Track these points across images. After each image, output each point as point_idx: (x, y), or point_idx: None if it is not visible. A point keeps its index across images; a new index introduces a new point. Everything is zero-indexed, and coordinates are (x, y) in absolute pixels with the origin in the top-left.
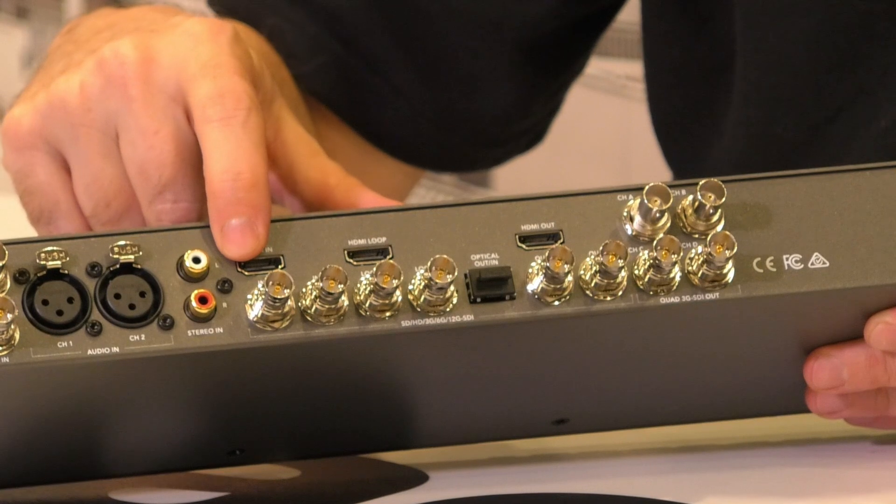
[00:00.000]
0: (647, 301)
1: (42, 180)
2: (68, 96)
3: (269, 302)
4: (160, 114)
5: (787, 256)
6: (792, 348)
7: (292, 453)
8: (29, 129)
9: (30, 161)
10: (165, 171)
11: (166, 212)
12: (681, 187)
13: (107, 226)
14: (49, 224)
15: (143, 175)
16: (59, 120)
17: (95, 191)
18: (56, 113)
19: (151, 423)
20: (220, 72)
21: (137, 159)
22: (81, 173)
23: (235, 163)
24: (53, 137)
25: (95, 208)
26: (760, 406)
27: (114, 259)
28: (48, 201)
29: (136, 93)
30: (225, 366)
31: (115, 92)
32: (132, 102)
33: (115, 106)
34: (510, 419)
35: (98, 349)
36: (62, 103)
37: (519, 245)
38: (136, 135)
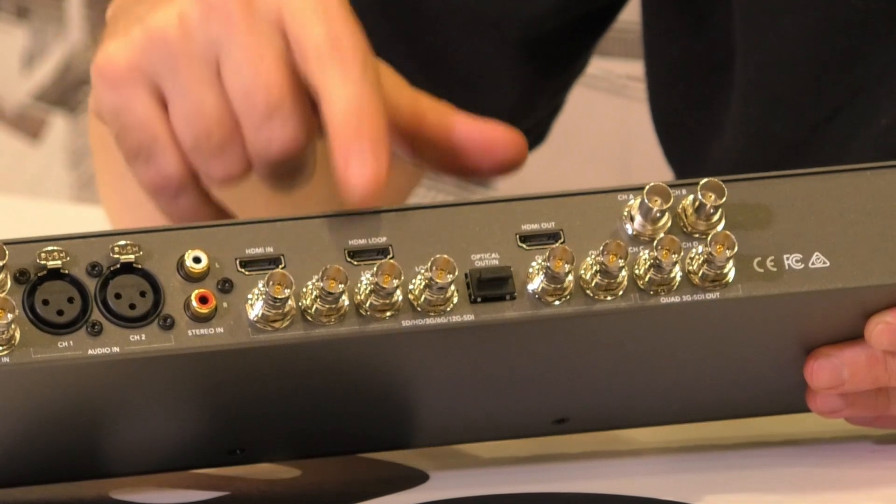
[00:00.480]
0: (647, 301)
1: (140, 115)
2: (167, 27)
3: (269, 302)
4: (264, 40)
5: (788, 256)
6: (792, 348)
7: (293, 453)
8: (126, 64)
9: (127, 97)
10: (273, 94)
11: (276, 135)
12: (681, 187)
13: (208, 158)
14: (148, 160)
15: (250, 100)
16: (159, 51)
17: (197, 120)
18: (155, 45)
19: (152, 422)
20: (330, 13)
21: (243, 85)
22: (181, 103)
23: (359, 102)
24: (152, 70)
25: (197, 139)
26: (761, 405)
27: (114, 259)
28: (146, 136)
29: (239, 19)
30: (225, 365)
31: (217, 19)
32: (235, 28)
33: (216, 33)
34: (510, 419)
35: (98, 349)
36: (162, 34)
37: (519, 245)
38: (240, 61)
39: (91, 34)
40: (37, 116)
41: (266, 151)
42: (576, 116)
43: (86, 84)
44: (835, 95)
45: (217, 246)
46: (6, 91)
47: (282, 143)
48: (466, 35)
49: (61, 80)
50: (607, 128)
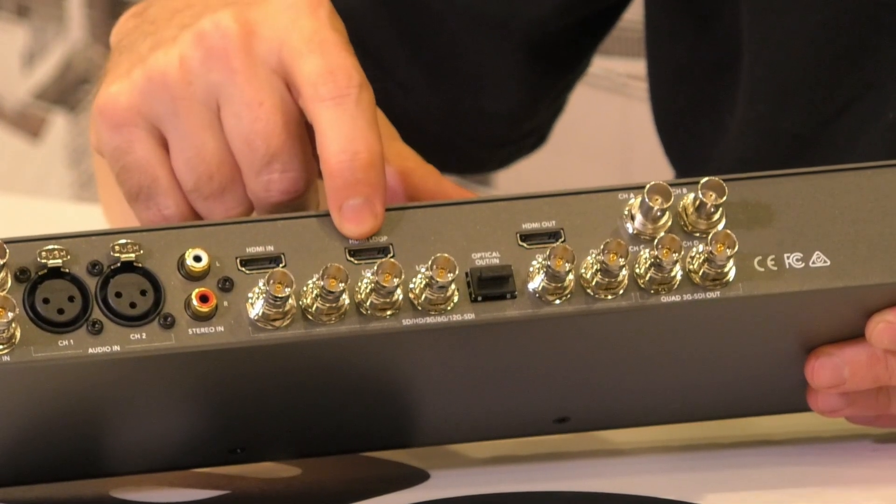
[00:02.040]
0: (648, 300)
1: (140, 157)
2: (168, 70)
3: (270, 300)
4: (264, 85)
5: (789, 255)
6: (793, 347)
7: (293, 452)
8: (127, 105)
9: (128, 138)
10: (273, 141)
11: (275, 181)
12: (682, 186)
13: (209, 201)
14: (148, 201)
15: (250, 146)
16: (159, 94)
17: (198, 164)
18: (155, 87)
19: (152, 421)
20: (326, 47)
21: (243, 131)
22: (182, 147)
23: (352, 142)
24: (152, 113)
25: (198, 182)
26: (761, 404)
27: (115, 257)
28: (147, 178)
29: (239, 64)
30: (226, 364)
31: (217, 64)
32: (235, 74)
33: (216, 78)
34: (511, 417)
35: (99, 348)
36: (162, 77)
37: (520, 244)
38: (240, 106)
39: (91, 33)
40: (37, 115)
41: (266, 196)
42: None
43: (86, 83)
44: (843, 90)
45: (217, 245)
46: (6, 90)
47: (281, 189)
48: (470, 36)
49: (62, 78)
50: (608, 126)
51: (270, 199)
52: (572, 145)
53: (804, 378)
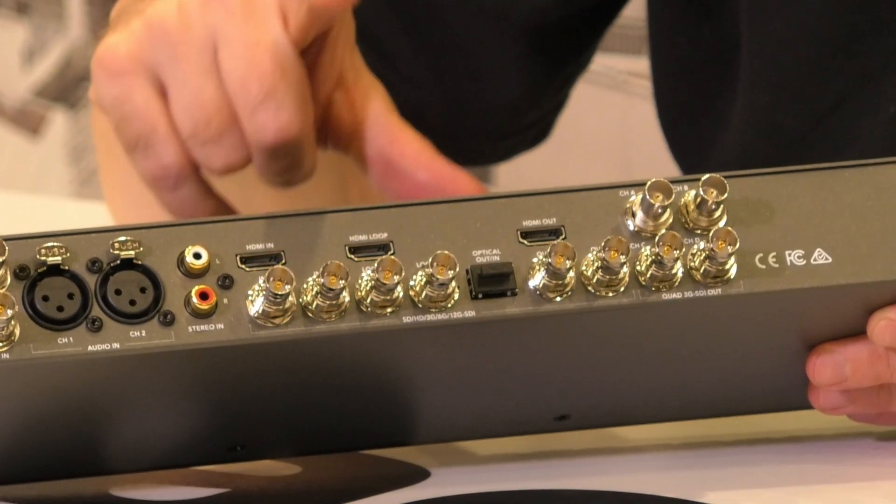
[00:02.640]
0: (649, 297)
1: (139, 105)
2: (167, 17)
3: (269, 298)
4: (261, 26)
5: (790, 252)
6: (794, 344)
7: (293, 449)
8: (127, 55)
9: (127, 87)
10: (266, 81)
11: (269, 121)
12: (683, 183)
13: (207, 146)
14: (146, 150)
15: (244, 86)
16: (159, 41)
17: (196, 109)
18: (155, 35)
19: (152, 419)
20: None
21: (238, 72)
22: (181, 93)
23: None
24: (152, 60)
25: (195, 128)
26: (763, 402)
27: (114, 255)
28: (145, 126)
29: (236, 6)
30: (226, 362)
31: (215, 6)
32: (232, 16)
33: (214, 22)
34: (512, 415)
35: (98, 345)
36: (161, 24)
37: (520, 241)
38: (236, 48)
39: (91, 30)
40: (37, 112)
41: (261, 137)
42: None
43: (86, 80)
44: (839, 83)
45: (217, 242)
46: (6, 87)
47: (276, 129)
48: (472, 27)
49: (61, 76)
50: (608, 124)
51: (265, 139)
52: (573, 142)
53: (806, 375)
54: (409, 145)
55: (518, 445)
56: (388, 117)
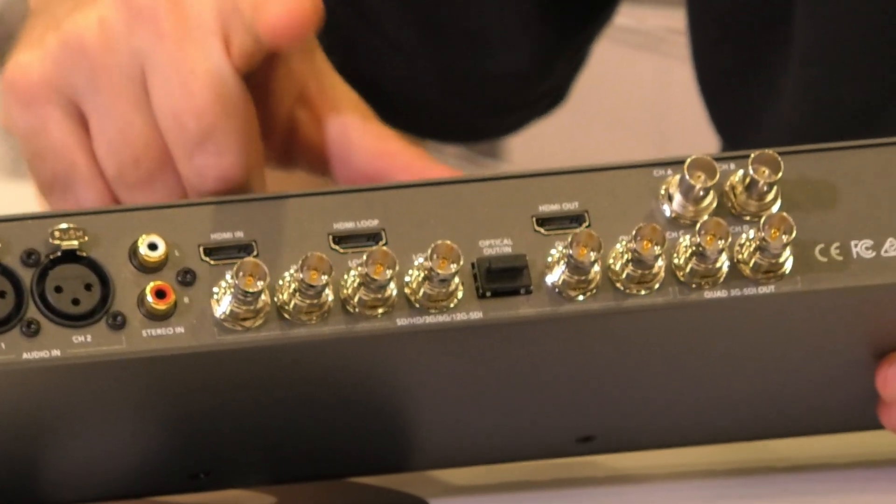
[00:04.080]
0: (688, 295)
1: (56, 139)
2: (86, 35)
3: (239, 296)
4: (197, 51)
5: (856, 242)
6: (861, 352)
7: (267, 476)
8: (39, 79)
9: (41, 117)
10: (206, 118)
11: (209, 166)
12: (729, 160)
13: (135, 189)
14: (64, 192)
15: (180, 124)
16: (76, 64)
17: (121, 146)
18: (72, 56)
19: (100, 440)
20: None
21: (172, 106)
22: (104, 127)
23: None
24: (69, 86)
25: (121, 168)
26: (823, 422)
27: (54, 245)
28: (63, 164)
29: (168, 27)
30: (187, 372)
31: (143, 27)
32: (163, 38)
33: (142, 43)
34: (526, 437)
35: (35, 352)
36: (79, 44)
37: (536, 229)
38: (169, 77)
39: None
40: None
41: (201, 183)
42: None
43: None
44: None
45: (177, 230)
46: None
47: (217, 175)
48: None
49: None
50: (641, 90)
51: (204, 186)
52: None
53: (875, 389)
54: (398, 156)
55: (534, 472)
56: (367, 129)
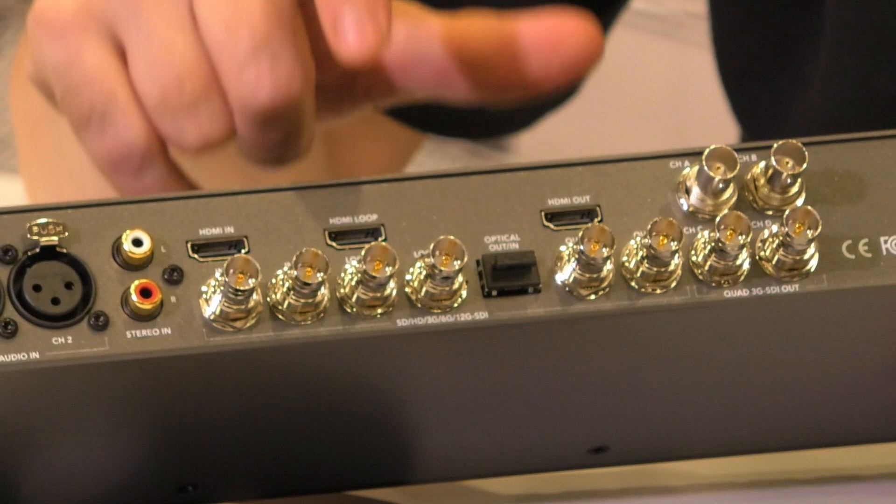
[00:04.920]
0: (707, 295)
1: (92, 68)
2: None
3: (229, 295)
4: None
5: (886, 238)
6: (892, 356)
7: (259, 490)
8: (73, 7)
9: (75, 47)
10: (259, 27)
11: (263, 77)
12: (750, 151)
13: (178, 115)
14: (102, 125)
15: (231, 35)
16: None
17: (165, 69)
18: None
19: (81, 449)
20: None
21: (222, 18)
22: (145, 51)
23: None
24: (106, 12)
25: (164, 92)
26: (854, 431)
27: (32, 241)
28: (101, 94)
29: None
30: (174, 376)
31: None
32: None
33: None
34: (535, 447)
35: (12, 355)
36: None
37: (545, 224)
38: None
39: None
40: None
41: (253, 100)
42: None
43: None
44: None
45: (163, 225)
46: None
47: (273, 86)
48: None
49: None
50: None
51: (258, 101)
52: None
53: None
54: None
55: (543, 485)
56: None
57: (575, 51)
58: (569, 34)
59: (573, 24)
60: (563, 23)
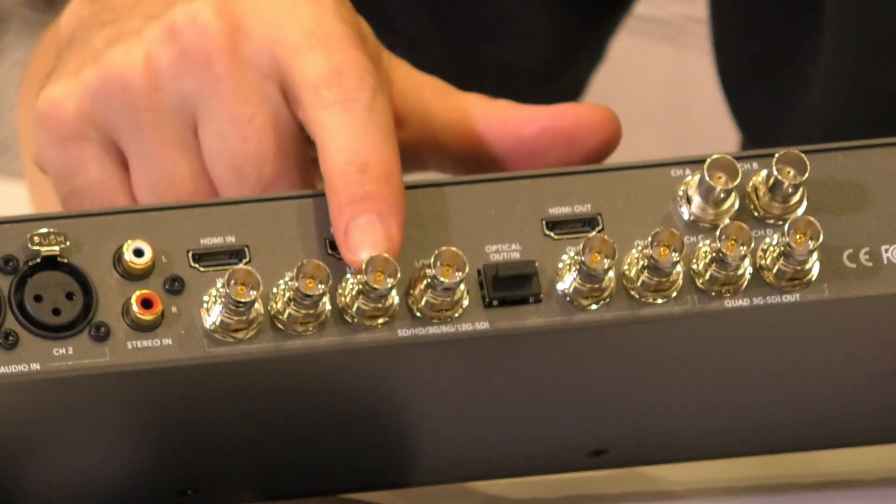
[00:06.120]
0: (708, 304)
1: (94, 179)
2: (129, 72)
3: (230, 306)
4: (254, 96)
5: (887, 247)
6: (893, 362)
7: (259, 493)
8: (77, 115)
9: (78, 155)
10: (266, 167)
11: None
12: (752, 159)
13: None
14: None
15: (237, 173)
16: (117, 102)
17: (165, 191)
18: (113, 93)
19: (81, 457)
20: (331, 43)
21: (228, 154)
22: (146, 169)
23: (362, 152)
24: (108, 124)
25: None
26: (854, 433)
27: (33, 251)
28: (102, 204)
29: (222, 70)
30: (174, 386)
31: (194, 69)
32: (217, 82)
33: (193, 86)
34: (535, 450)
35: (13, 366)
36: (121, 81)
37: (546, 233)
38: (224, 123)
39: None
40: None
41: None
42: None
43: None
44: None
45: (164, 235)
46: None
47: None
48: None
49: None
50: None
51: None
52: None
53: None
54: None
55: (543, 487)
56: (499, 104)
57: (593, 142)
58: (585, 126)
59: (591, 115)
60: (579, 114)
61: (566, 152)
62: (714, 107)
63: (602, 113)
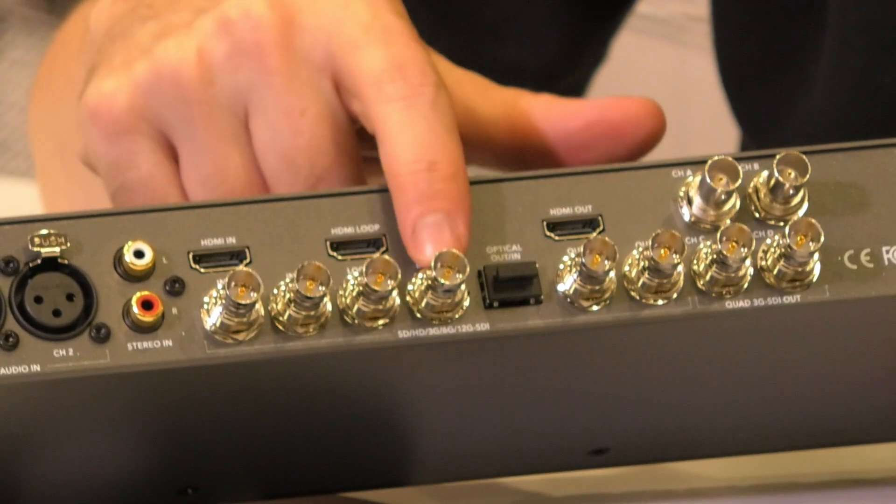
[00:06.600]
0: (709, 305)
1: (146, 173)
2: (182, 66)
3: (230, 307)
4: (307, 89)
5: (888, 249)
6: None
7: (259, 492)
8: (128, 108)
9: (130, 149)
10: (319, 159)
11: None
12: (753, 160)
13: None
14: None
15: (290, 166)
16: (169, 95)
17: (218, 184)
18: (165, 86)
19: (82, 457)
20: (390, 36)
21: (281, 146)
22: (198, 162)
23: (429, 150)
24: (160, 118)
25: None
26: (856, 432)
27: (34, 252)
28: (154, 199)
29: (276, 63)
30: (175, 387)
31: (247, 62)
32: (270, 75)
33: (246, 79)
34: (535, 449)
35: (14, 367)
36: (174, 75)
37: (547, 234)
38: (277, 116)
39: None
40: None
41: None
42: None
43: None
44: None
45: (165, 236)
46: None
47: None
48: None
49: None
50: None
51: None
52: None
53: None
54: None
55: (543, 486)
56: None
57: (639, 135)
58: (631, 119)
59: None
60: (624, 107)
61: (613, 146)
62: (714, 106)
63: (648, 106)
